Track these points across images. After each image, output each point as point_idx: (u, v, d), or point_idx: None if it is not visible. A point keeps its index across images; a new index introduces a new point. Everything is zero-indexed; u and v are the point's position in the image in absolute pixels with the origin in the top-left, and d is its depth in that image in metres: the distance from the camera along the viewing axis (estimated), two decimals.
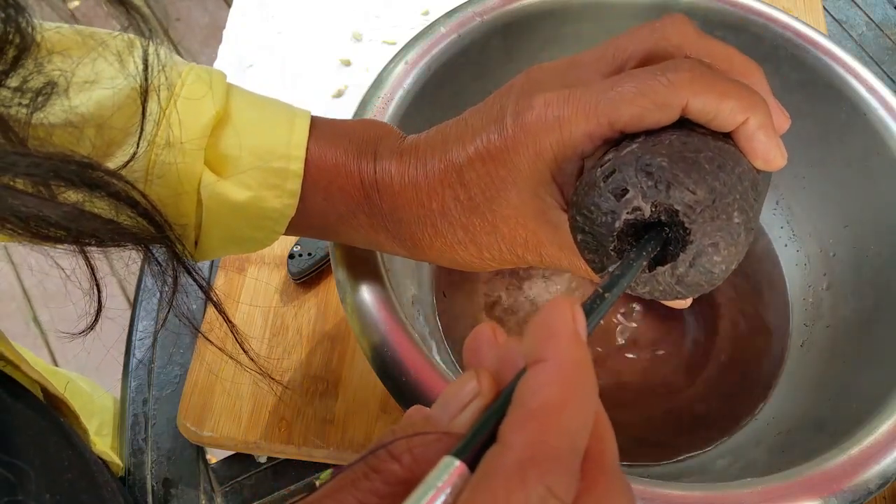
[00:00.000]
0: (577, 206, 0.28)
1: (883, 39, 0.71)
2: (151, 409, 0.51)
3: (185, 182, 0.32)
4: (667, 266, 0.26)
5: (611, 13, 0.47)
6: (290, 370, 0.50)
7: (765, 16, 0.45)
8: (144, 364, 0.53)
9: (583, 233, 0.28)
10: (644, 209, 0.26)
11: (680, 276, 0.26)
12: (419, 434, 0.18)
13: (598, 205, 0.27)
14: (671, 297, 0.27)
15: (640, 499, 0.30)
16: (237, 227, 0.35)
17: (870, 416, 0.34)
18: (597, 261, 0.28)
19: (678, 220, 0.25)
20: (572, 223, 0.28)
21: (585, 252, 0.28)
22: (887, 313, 0.41)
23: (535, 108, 0.29)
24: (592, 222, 0.27)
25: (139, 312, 0.55)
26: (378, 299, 0.35)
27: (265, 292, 0.53)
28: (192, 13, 1.75)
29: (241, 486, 0.49)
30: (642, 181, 0.26)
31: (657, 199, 0.26)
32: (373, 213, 0.34)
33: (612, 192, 0.26)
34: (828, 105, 0.44)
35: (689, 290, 0.27)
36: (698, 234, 0.25)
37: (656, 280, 0.27)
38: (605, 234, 0.27)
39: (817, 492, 0.31)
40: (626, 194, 0.26)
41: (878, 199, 0.43)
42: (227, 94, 0.34)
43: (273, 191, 0.34)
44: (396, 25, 0.67)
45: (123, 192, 0.25)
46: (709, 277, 0.26)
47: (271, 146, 0.33)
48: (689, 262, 0.26)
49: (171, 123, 0.32)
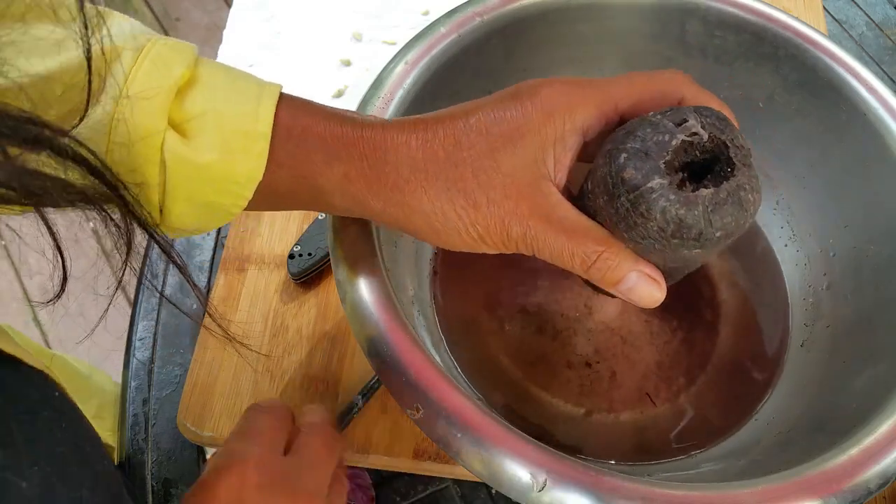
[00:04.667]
0: (626, 132, 0.29)
1: (883, 39, 0.71)
2: (151, 409, 0.51)
3: (147, 143, 0.31)
4: (710, 189, 0.28)
5: (610, 14, 0.47)
6: (290, 370, 0.50)
7: (765, 16, 0.45)
8: (144, 364, 0.53)
9: (626, 153, 0.29)
10: (702, 134, 0.28)
11: (719, 202, 0.28)
12: None
13: (657, 124, 0.29)
14: (692, 236, 0.28)
15: (641, 499, 0.30)
16: (202, 192, 0.33)
17: (870, 416, 0.34)
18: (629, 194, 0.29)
19: (727, 155, 0.28)
20: (608, 155, 0.30)
21: (629, 170, 0.29)
22: (887, 313, 0.41)
23: (550, 86, 0.31)
24: (644, 141, 0.29)
25: (139, 312, 0.55)
26: (378, 299, 0.35)
27: (265, 292, 0.53)
28: (192, 13, 1.75)
29: None
30: (702, 118, 0.29)
31: (713, 133, 0.29)
32: (352, 157, 0.32)
33: (671, 121, 0.29)
34: (828, 105, 0.44)
35: (719, 223, 0.28)
36: (740, 172, 0.28)
37: (695, 203, 0.28)
38: (658, 150, 0.28)
39: (817, 492, 0.31)
40: (686, 122, 0.29)
41: (878, 199, 0.43)
42: (196, 61, 0.33)
43: (240, 153, 0.32)
44: (396, 25, 0.67)
45: (69, 148, 0.25)
46: (739, 214, 0.28)
47: (239, 109, 0.33)
48: (729, 192, 0.28)
49: (136, 82, 0.31)
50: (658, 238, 0.29)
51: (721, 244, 0.29)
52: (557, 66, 0.49)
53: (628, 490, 0.30)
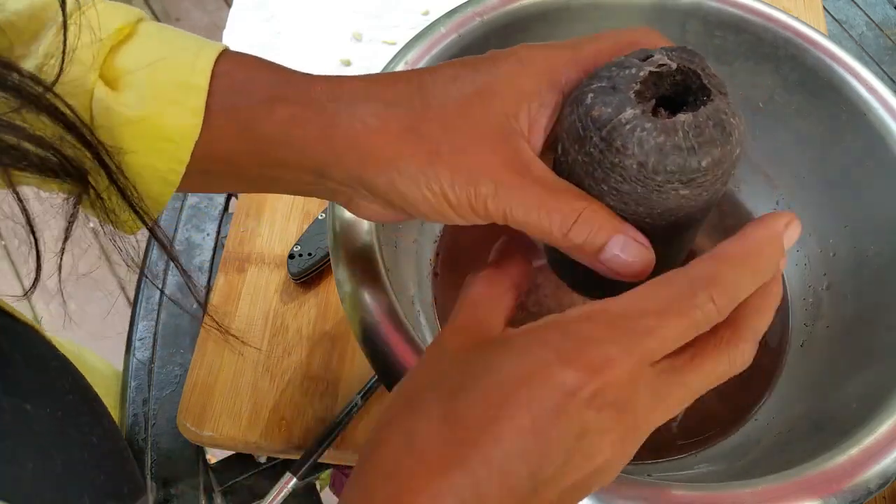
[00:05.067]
0: (590, 77, 0.28)
1: (883, 39, 0.71)
2: (151, 409, 0.51)
3: (76, 95, 0.28)
4: (689, 114, 0.26)
5: (610, 14, 0.47)
6: (290, 370, 0.50)
7: (765, 16, 0.45)
8: (144, 364, 0.53)
9: (592, 93, 0.27)
10: (670, 64, 0.27)
11: (699, 125, 0.26)
12: None
13: (621, 62, 0.27)
14: (675, 168, 0.26)
15: (640, 498, 0.30)
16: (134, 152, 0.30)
17: (870, 416, 0.34)
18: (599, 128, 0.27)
19: (700, 83, 0.27)
20: (574, 101, 0.27)
21: (597, 107, 0.26)
22: (887, 313, 0.41)
23: (529, 48, 0.29)
24: (610, 78, 0.27)
25: (139, 312, 0.55)
26: (378, 299, 0.35)
27: (265, 292, 0.53)
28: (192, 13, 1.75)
29: (241, 486, 0.49)
30: (669, 52, 0.27)
31: (682, 63, 0.27)
32: (299, 99, 0.29)
33: (636, 57, 0.27)
34: (828, 105, 0.44)
35: (703, 150, 0.26)
36: (717, 98, 0.26)
37: (673, 128, 0.26)
38: (626, 84, 0.26)
39: (817, 492, 0.31)
40: (652, 56, 0.27)
41: (878, 199, 0.43)
42: (140, 19, 0.31)
43: (173, 106, 0.29)
44: (396, 25, 0.67)
45: (38, 96, 0.24)
46: (723, 139, 0.26)
47: (175, 61, 0.30)
48: (709, 115, 0.26)
49: (70, 33, 0.28)
50: (639, 178, 0.26)
51: (709, 182, 0.27)
52: None
53: (628, 490, 0.30)
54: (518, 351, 0.23)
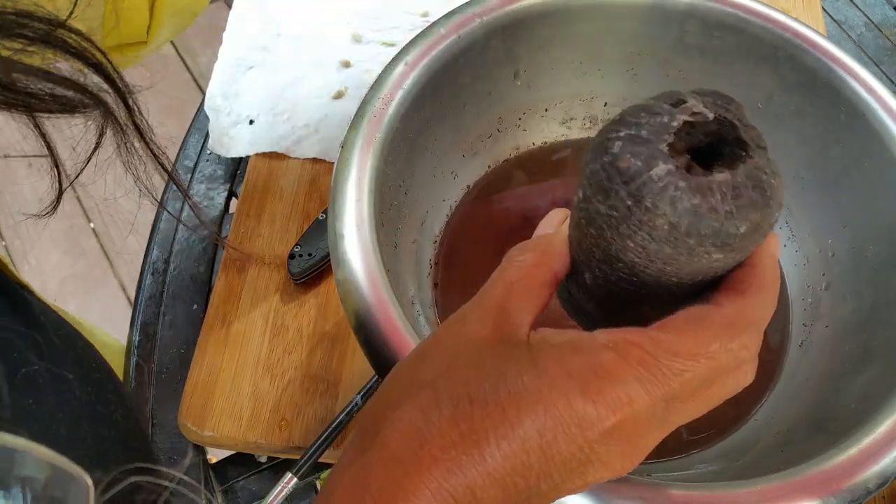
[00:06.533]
0: (615, 120, 0.25)
1: (882, 40, 0.71)
2: (151, 409, 0.51)
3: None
4: (726, 173, 0.23)
5: (610, 14, 0.47)
6: (290, 370, 0.50)
7: (764, 16, 0.45)
8: (144, 364, 0.53)
9: (620, 140, 0.24)
10: (706, 113, 0.24)
11: (738, 187, 0.23)
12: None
13: (651, 107, 0.24)
14: (710, 232, 0.23)
15: (640, 498, 0.30)
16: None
17: (869, 416, 0.34)
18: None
19: (736, 136, 0.24)
20: (597, 147, 0.25)
21: (625, 157, 0.24)
22: (887, 313, 0.41)
23: None
24: (639, 125, 0.24)
25: (139, 312, 0.55)
26: (378, 299, 0.35)
27: (265, 292, 0.53)
28: None
29: (241, 486, 0.49)
30: (702, 97, 0.25)
31: (718, 112, 0.24)
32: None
33: (666, 102, 0.25)
34: (827, 105, 0.44)
35: (742, 213, 0.23)
36: (756, 154, 0.24)
37: (710, 189, 0.23)
38: (657, 133, 0.24)
39: (816, 492, 0.31)
40: (685, 102, 0.24)
41: (876, 199, 0.43)
42: None
43: None
44: (396, 27, 0.67)
45: (85, 50, 0.24)
46: (762, 202, 0.24)
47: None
48: (747, 175, 0.23)
49: None
50: (669, 239, 0.24)
51: (744, 246, 0.25)
52: (558, 66, 0.49)
53: (627, 489, 0.30)
54: (540, 371, 0.23)
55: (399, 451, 0.22)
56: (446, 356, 0.25)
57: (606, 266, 0.26)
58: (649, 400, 0.23)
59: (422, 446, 0.22)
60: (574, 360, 0.23)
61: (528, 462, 0.22)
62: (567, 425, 0.22)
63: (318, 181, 0.58)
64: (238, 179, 0.61)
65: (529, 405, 0.22)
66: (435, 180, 0.48)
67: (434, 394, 0.23)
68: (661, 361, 0.23)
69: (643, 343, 0.23)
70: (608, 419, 0.22)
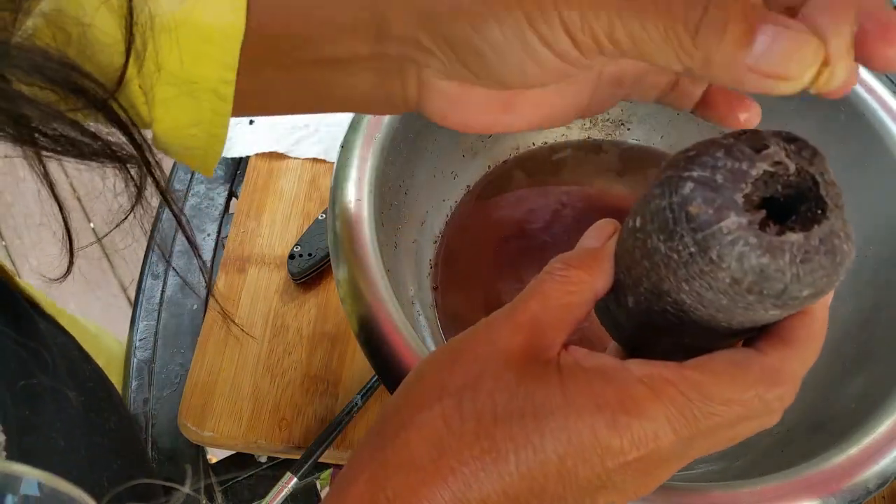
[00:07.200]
0: (689, 156, 0.23)
1: None
2: (151, 409, 0.51)
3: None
4: (800, 234, 0.22)
5: None
6: (290, 370, 0.50)
7: None
8: (144, 364, 0.53)
9: (692, 182, 0.23)
10: (788, 165, 0.23)
11: (809, 251, 0.22)
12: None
13: (730, 148, 0.23)
14: (773, 293, 0.23)
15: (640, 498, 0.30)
16: (176, 62, 0.28)
17: (868, 416, 0.34)
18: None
19: (816, 193, 0.23)
20: (668, 183, 0.23)
21: (696, 202, 0.22)
22: (887, 313, 0.41)
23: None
24: (715, 168, 0.23)
25: (139, 312, 0.55)
26: (378, 299, 0.35)
27: (265, 292, 0.53)
28: None
29: (241, 486, 0.49)
30: (786, 144, 0.23)
31: (801, 164, 0.23)
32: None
33: (748, 146, 0.23)
34: (826, 106, 0.44)
35: (808, 278, 0.23)
36: (833, 215, 0.23)
37: (781, 249, 0.22)
38: (733, 181, 0.22)
39: (816, 492, 0.31)
40: (767, 149, 0.23)
41: (877, 199, 0.43)
42: None
43: (210, 3, 0.27)
44: None
45: (102, 99, 0.23)
46: (831, 268, 0.23)
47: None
48: (822, 239, 0.22)
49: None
50: (728, 292, 0.23)
51: (802, 306, 0.24)
52: None
53: None
54: (569, 398, 0.23)
55: (418, 456, 0.22)
56: (474, 365, 0.24)
57: (654, 297, 0.25)
58: (675, 439, 0.22)
59: (441, 456, 0.22)
60: (605, 390, 0.23)
61: (545, 485, 0.22)
62: (589, 455, 0.22)
63: (318, 181, 0.58)
64: (238, 179, 0.61)
65: (554, 432, 0.22)
66: (435, 180, 0.48)
67: (459, 405, 0.23)
68: (693, 403, 0.22)
69: (678, 382, 0.23)
70: (631, 453, 0.22)
